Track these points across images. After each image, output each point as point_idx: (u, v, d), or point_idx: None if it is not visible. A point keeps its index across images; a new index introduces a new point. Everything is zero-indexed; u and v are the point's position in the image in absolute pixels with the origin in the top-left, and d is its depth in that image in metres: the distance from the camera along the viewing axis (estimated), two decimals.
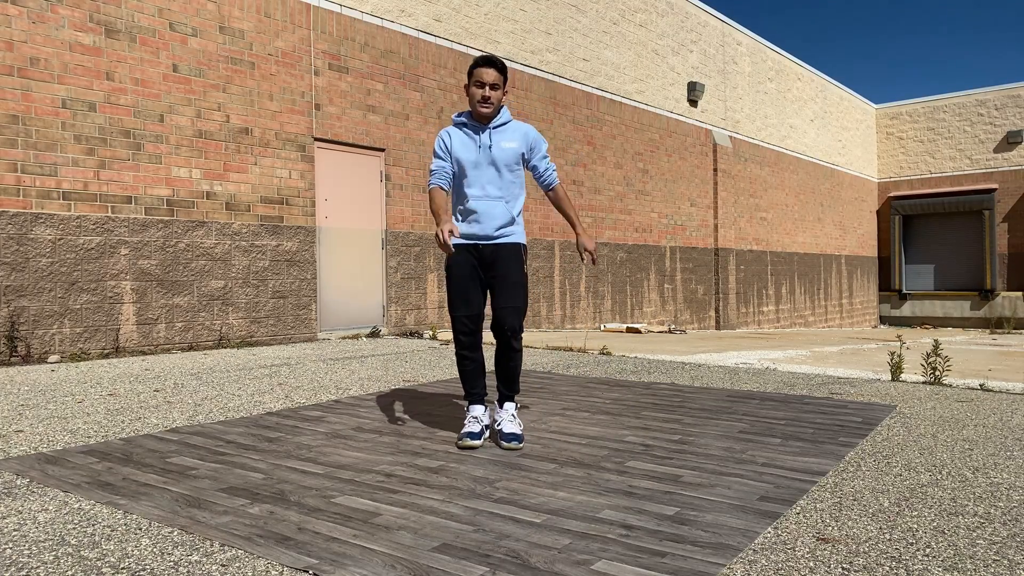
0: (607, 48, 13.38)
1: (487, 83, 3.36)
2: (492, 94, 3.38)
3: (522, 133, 3.49)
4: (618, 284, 13.54)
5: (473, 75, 3.39)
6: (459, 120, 3.50)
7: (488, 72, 3.36)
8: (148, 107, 7.38)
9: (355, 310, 9.29)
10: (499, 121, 3.47)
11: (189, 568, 2.01)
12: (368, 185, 9.44)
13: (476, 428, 3.39)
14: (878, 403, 4.45)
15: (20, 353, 6.51)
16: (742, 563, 2.03)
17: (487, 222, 3.41)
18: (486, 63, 3.37)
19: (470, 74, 3.42)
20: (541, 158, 3.55)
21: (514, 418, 3.44)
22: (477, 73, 3.38)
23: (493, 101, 3.39)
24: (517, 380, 3.51)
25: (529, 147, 3.50)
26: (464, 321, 3.43)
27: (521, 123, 3.54)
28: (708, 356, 7.37)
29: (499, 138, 3.44)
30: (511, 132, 3.48)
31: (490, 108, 3.40)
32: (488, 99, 3.38)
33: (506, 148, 3.43)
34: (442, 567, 2.00)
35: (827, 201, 21.34)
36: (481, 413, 3.46)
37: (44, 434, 3.67)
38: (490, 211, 3.41)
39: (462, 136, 3.46)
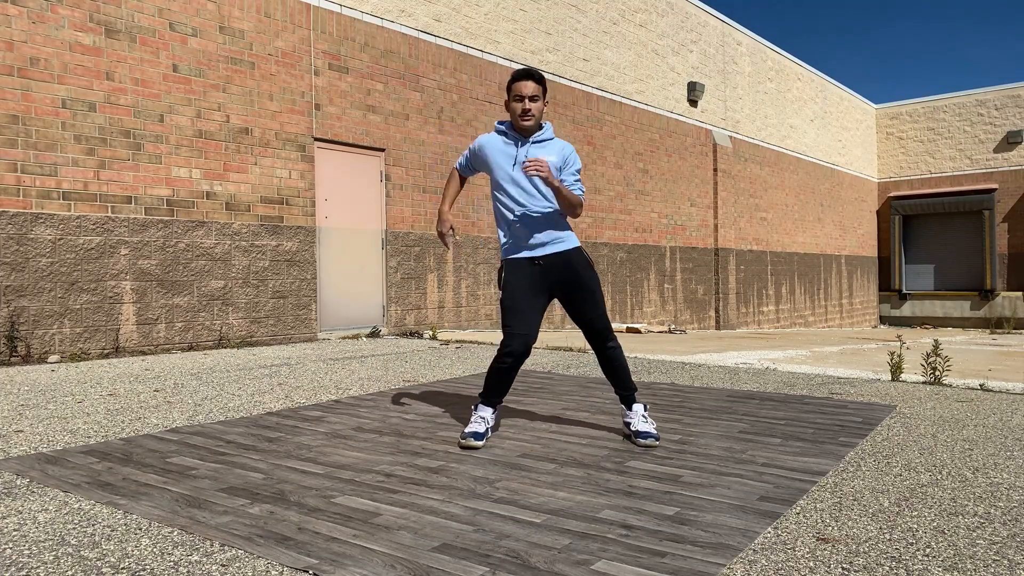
0: (607, 48, 13.38)
1: (526, 96, 3.34)
2: (532, 106, 3.36)
3: (560, 148, 3.48)
4: (618, 284, 13.54)
5: (512, 90, 3.37)
6: (500, 128, 3.49)
7: (527, 84, 3.34)
8: (148, 107, 7.38)
9: (355, 310, 9.29)
10: (541, 136, 3.45)
11: (189, 568, 2.01)
12: (368, 185, 9.44)
13: (481, 428, 3.39)
14: (878, 403, 4.45)
15: (20, 353, 6.52)
16: (742, 563, 2.03)
17: (537, 233, 3.40)
18: (524, 76, 3.36)
19: (509, 89, 3.39)
20: (571, 173, 3.48)
21: (646, 418, 3.45)
22: (516, 87, 3.35)
23: (534, 113, 3.37)
24: (630, 376, 3.53)
25: (564, 159, 3.47)
26: (515, 339, 3.35)
27: (561, 140, 3.53)
28: (708, 356, 7.37)
29: (537, 152, 3.41)
30: (551, 147, 3.46)
31: (531, 120, 3.38)
32: (529, 111, 3.36)
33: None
34: (442, 567, 2.00)
35: (827, 201, 21.35)
36: (489, 415, 3.46)
37: (44, 434, 3.68)
38: (537, 223, 3.40)
39: (500, 146, 3.45)
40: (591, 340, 3.49)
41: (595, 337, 3.47)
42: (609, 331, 3.48)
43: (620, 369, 3.50)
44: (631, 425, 3.45)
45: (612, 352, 3.49)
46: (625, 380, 3.52)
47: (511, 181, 3.41)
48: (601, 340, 3.47)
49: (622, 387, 3.52)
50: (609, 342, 3.48)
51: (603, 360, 3.52)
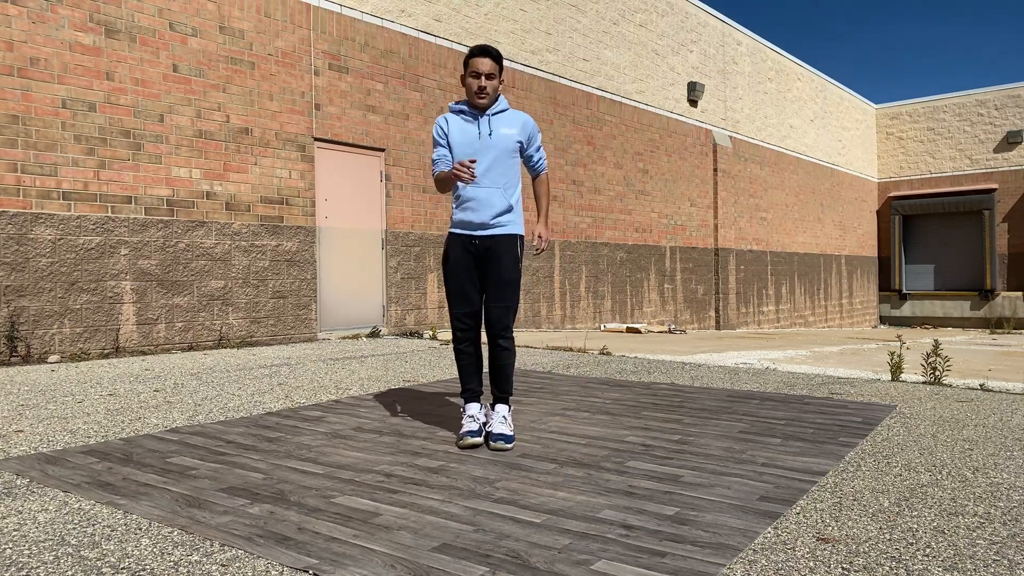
0: (607, 48, 13.38)
1: (483, 73, 3.34)
2: (488, 83, 3.35)
3: (521, 122, 3.47)
4: (618, 284, 13.54)
5: (469, 65, 3.37)
6: (457, 107, 3.46)
7: (483, 61, 3.34)
8: (148, 107, 7.38)
9: (355, 310, 9.29)
10: (497, 108, 3.45)
11: (189, 568, 2.01)
12: (368, 185, 9.44)
13: (475, 426, 3.39)
14: (878, 403, 4.45)
15: (20, 353, 6.52)
16: (742, 563, 2.03)
17: (484, 210, 3.38)
18: (481, 52, 3.34)
19: (466, 64, 3.38)
20: (536, 148, 3.56)
21: (505, 420, 3.41)
22: (473, 63, 3.35)
23: (489, 91, 3.36)
24: (510, 381, 3.50)
25: (528, 137, 3.49)
26: (461, 318, 3.44)
27: (519, 112, 3.53)
28: (708, 356, 7.37)
29: (498, 125, 3.42)
30: (510, 120, 3.46)
31: (486, 98, 3.38)
32: (484, 88, 3.35)
33: (505, 135, 3.41)
34: (442, 567, 2.00)
35: (827, 201, 21.34)
36: (477, 411, 3.46)
37: (44, 434, 3.67)
38: (488, 199, 3.38)
39: (460, 123, 3.43)
40: (487, 331, 3.45)
41: (491, 330, 3.43)
42: (507, 330, 3.43)
43: (503, 368, 3.47)
44: (488, 425, 3.41)
45: (502, 352, 3.45)
46: (504, 383, 3.48)
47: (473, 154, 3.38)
48: (495, 335, 3.43)
49: (500, 388, 3.48)
50: (500, 340, 3.43)
51: (491, 356, 3.48)
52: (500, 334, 3.42)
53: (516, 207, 3.47)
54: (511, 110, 3.51)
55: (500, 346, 3.44)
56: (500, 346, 3.44)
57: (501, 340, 3.44)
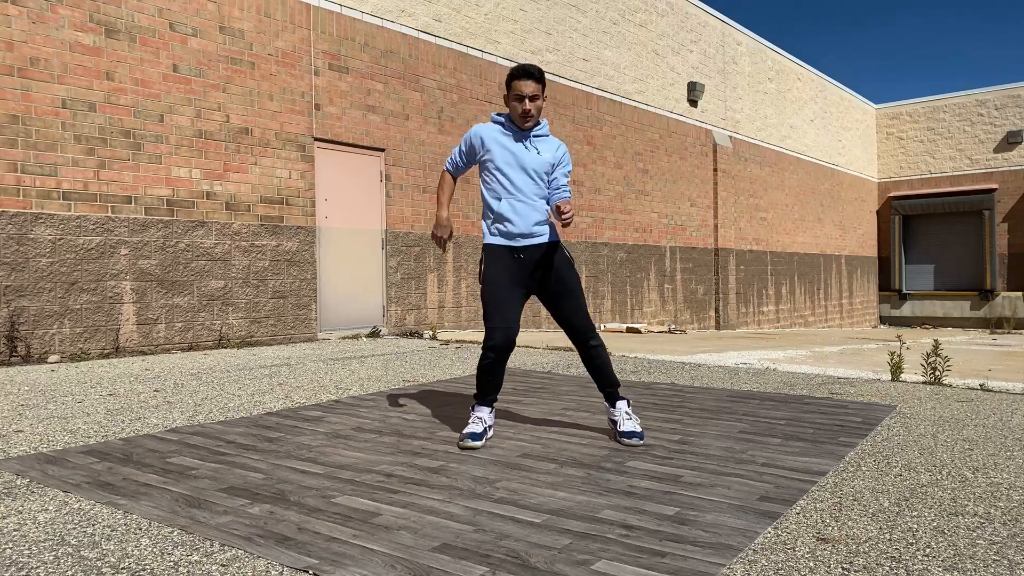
0: (607, 48, 13.38)
1: (527, 95, 3.33)
2: (532, 106, 3.36)
3: (556, 146, 3.52)
4: (618, 284, 13.54)
5: (512, 88, 3.35)
6: (499, 120, 3.47)
7: (527, 84, 3.33)
8: (148, 107, 7.38)
9: (355, 310, 9.29)
10: (540, 131, 3.47)
11: (189, 568, 2.01)
12: (368, 185, 9.44)
13: (479, 428, 3.38)
14: (878, 403, 4.45)
15: (20, 353, 6.52)
16: (742, 563, 2.03)
17: (524, 219, 3.40)
18: (524, 75, 3.33)
19: (508, 86, 3.37)
20: (563, 174, 3.54)
21: (630, 416, 3.44)
22: (516, 86, 3.34)
23: (534, 113, 3.37)
24: (613, 372, 3.52)
25: (558, 160, 3.51)
26: (498, 332, 3.34)
27: (555, 139, 3.57)
28: (708, 356, 7.37)
29: (538, 145, 3.45)
30: (548, 143, 3.49)
31: (531, 121, 3.39)
32: (529, 112, 3.36)
33: (542, 157, 3.44)
34: (442, 567, 2.00)
35: (827, 201, 21.34)
36: (486, 415, 3.46)
37: (44, 434, 3.67)
38: (526, 210, 3.41)
39: (500, 138, 3.44)
40: (573, 339, 3.47)
41: (577, 336, 3.45)
42: (591, 330, 3.46)
43: (603, 367, 3.49)
44: (617, 424, 3.44)
45: (595, 351, 3.47)
46: (608, 377, 3.50)
47: (512, 169, 3.40)
48: (583, 339, 3.45)
49: (606, 384, 3.51)
50: (591, 340, 3.46)
51: (586, 359, 3.50)
52: (589, 337, 3.45)
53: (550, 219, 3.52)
54: (551, 136, 3.54)
55: (592, 347, 3.46)
56: (592, 347, 3.46)
57: (591, 341, 3.46)
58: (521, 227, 3.40)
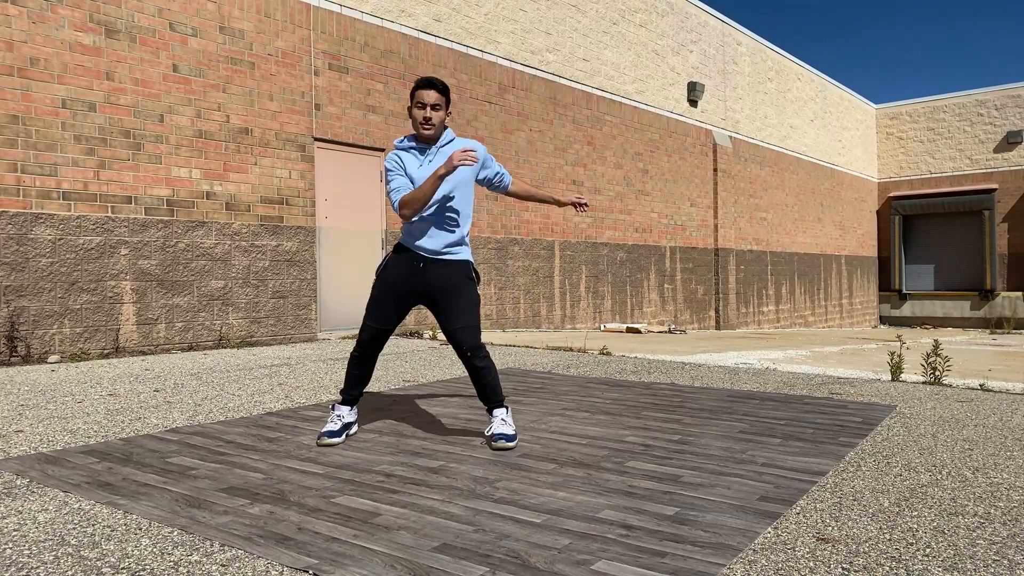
0: (607, 48, 13.38)
1: (428, 104, 3.34)
2: (434, 115, 3.36)
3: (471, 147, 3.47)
4: (618, 284, 13.54)
5: (415, 97, 3.38)
6: (405, 144, 3.45)
7: (428, 93, 3.35)
8: (148, 107, 7.38)
9: (355, 310, 9.29)
10: (444, 140, 3.46)
11: (189, 568, 2.01)
12: (368, 185, 9.44)
13: (336, 426, 3.44)
14: (878, 403, 4.45)
15: (20, 353, 6.52)
16: (742, 563, 2.03)
17: (437, 238, 3.40)
18: (427, 84, 3.36)
19: (412, 95, 3.39)
20: (495, 166, 3.59)
21: (505, 421, 3.40)
22: (418, 95, 3.36)
23: (435, 122, 3.37)
24: (498, 390, 3.45)
25: (482, 162, 3.52)
26: (373, 331, 3.43)
27: (467, 139, 3.55)
28: (708, 356, 7.37)
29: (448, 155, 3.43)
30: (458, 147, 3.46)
31: (432, 129, 3.37)
32: (430, 119, 3.36)
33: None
34: (442, 567, 2.00)
35: (827, 201, 21.34)
36: (346, 412, 3.50)
37: (44, 434, 3.68)
38: (439, 229, 3.40)
39: (411, 159, 3.42)
40: (459, 353, 3.39)
41: (463, 351, 3.36)
42: (478, 348, 3.37)
43: (489, 385, 3.43)
44: (489, 429, 3.41)
45: (481, 371, 3.40)
46: (491, 395, 3.45)
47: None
48: (468, 356, 3.37)
49: (489, 401, 3.45)
50: (476, 359, 3.37)
51: (472, 376, 3.43)
52: (475, 355, 3.37)
53: (466, 240, 3.51)
54: (458, 139, 3.53)
55: (478, 367, 3.38)
56: (478, 367, 3.38)
57: (477, 361, 3.38)
58: (434, 245, 3.40)
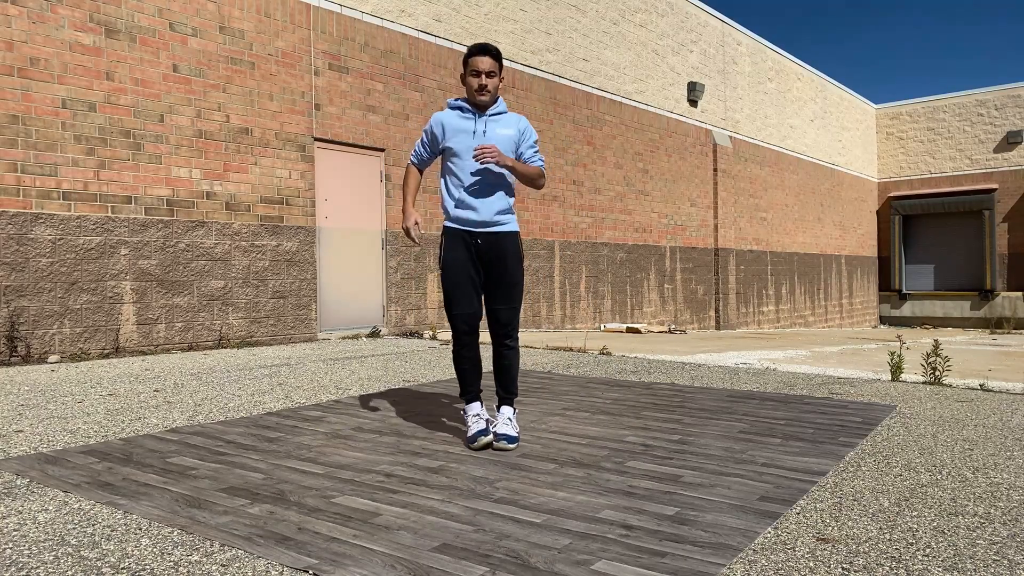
0: (607, 48, 13.38)
1: (483, 71, 3.33)
2: (489, 82, 3.34)
3: (516, 123, 3.48)
4: (618, 284, 13.54)
5: (469, 64, 3.36)
6: (455, 104, 3.45)
7: (483, 60, 3.33)
8: (148, 107, 7.38)
9: (355, 310, 9.29)
10: (496, 110, 3.45)
11: (189, 568, 2.01)
12: (368, 185, 9.44)
13: (483, 425, 3.37)
14: (878, 403, 4.45)
15: (20, 353, 6.51)
16: (742, 563, 2.03)
17: (484, 208, 3.38)
18: (481, 51, 3.34)
19: (465, 63, 3.38)
20: (529, 147, 3.52)
21: (510, 421, 3.41)
22: (472, 62, 3.34)
23: (490, 89, 3.36)
24: (515, 382, 3.49)
25: (521, 134, 3.48)
26: (462, 321, 3.40)
27: (516, 114, 3.53)
28: (708, 356, 7.37)
29: (495, 126, 3.41)
30: (507, 122, 3.46)
31: (487, 96, 3.37)
32: (485, 87, 3.34)
33: (502, 135, 3.40)
34: (442, 567, 2.00)
35: (827, 201, 21.34)
36: (480, 409, 3.46)
37: (44, 434, 3.67)
38: (487, 197, 3.38)
39: (457, 122, 3.41)
40: (492, 331, 3.43)
41: (497, 329, 3.41)
42: (513, 330, 3.42)
43: (511, 370, 3.45)
44: (493, 426, 3.40)
45: (509, 353, 3.43)
46: (509, 384, 3.47)
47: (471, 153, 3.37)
48: (500, 335, 3.41)
49: (505, 389, 3.47)
50: (507, 339, 3.42)
51: (496, 356, 3.46)
52: (508, 335, 3.41)
53: (513, 209, 3.50)
54: (509, 113, 3.51)
55: (507, 346, 3.43)
56: (507, 346, 3.43)
57: (508, 341, 3.42)
58: (482, 215, 3.38)
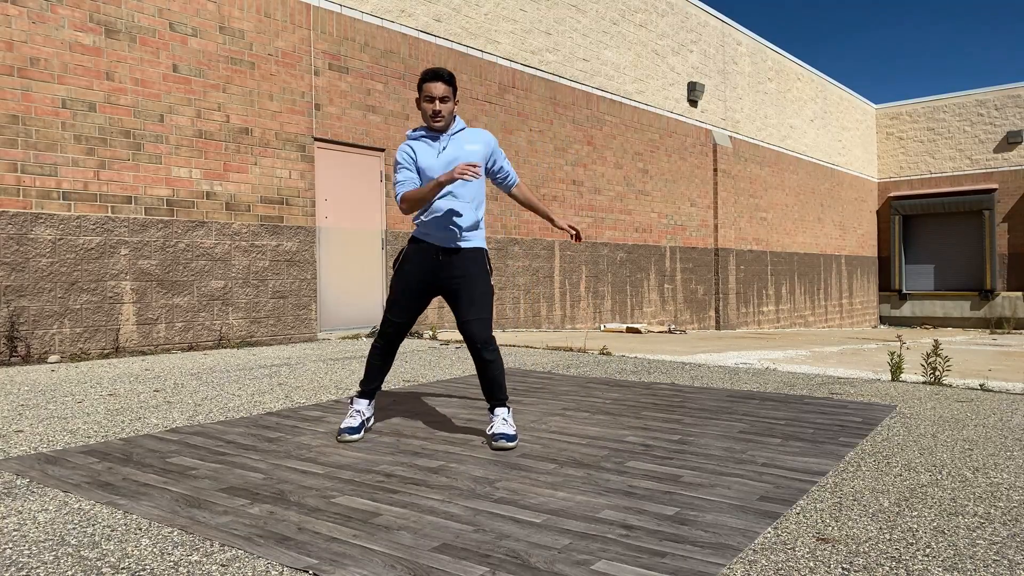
0: (607, 48, 13.38)
1: (436, 96, 3.35)
2: (443, 107, 3.37)
3: (482, 138, 3.50)
4: (618, 284, 13.54)
5: (423, 90, 3.38)
6: (416, 134, 3.48)
7: (436, 86, 3.35)
8: (148, 107, 7.38)
9: (355, 310, 9.29)
10: (455, 128, 3.48)
11: (189, 568, 2.01)
12: (368, 185, 9.44)
13: (356, 422, 3.47)
14: (878, 403, 4.45)
15: (20, 353, 6.51)
16: (742, 563, 2.03)
17: (452, 227, 3.40)
18: (434, 77, 3.35)
19: (420, 88, 3.39)
20: (504, 160, 3.59)
21: (506, 421, 3.42)
22: (426, 88, 3.36)
23: (444, 114, 3.38)
24: (503, 387, 3.47)
25: (489, 148, 3.51)
26: (395, 325, 3.48)
27: (478, 129, 3.55)
28: (708, 356, 7.37)
29: (460, 143, 3.44)
30: (471, 137, 3.48)
31: (442, 122, 3.39)
32: (439, 112, 3.36)
33: (469, 151, 3.43)
34: (442, 567, 2.00)
35: (827, 201, 21.34)
36: (364, 407, 3.54)
37: (44, 434, 3.67)
38: (455, 216, 3.40)
39: (423, 147, 3.44)
40: (468, 344, 3.40)
41: (472, 343, 3.37)
42: (489, 341, 3.38)
43: (495, 379, 3.44)
44: (491, 428, 3.41)
45: (489, 364, 3.41)
46: (497, 391, 3.45)
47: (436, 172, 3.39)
48: (477, 347, 3.38)
49: (494, 396, 3.46)
50: (485, 351, 3.38)
51: (479, 368, 3.44)
52: (485, 346, 3.38)
53: (482, 224, 3.52)
54: (468, 128, 3.54)
55: (486, 359, 3.40)
56: (486, 359, 3.40)
57: (486, 353, 3.39)
58: (450, 233, 3.41)
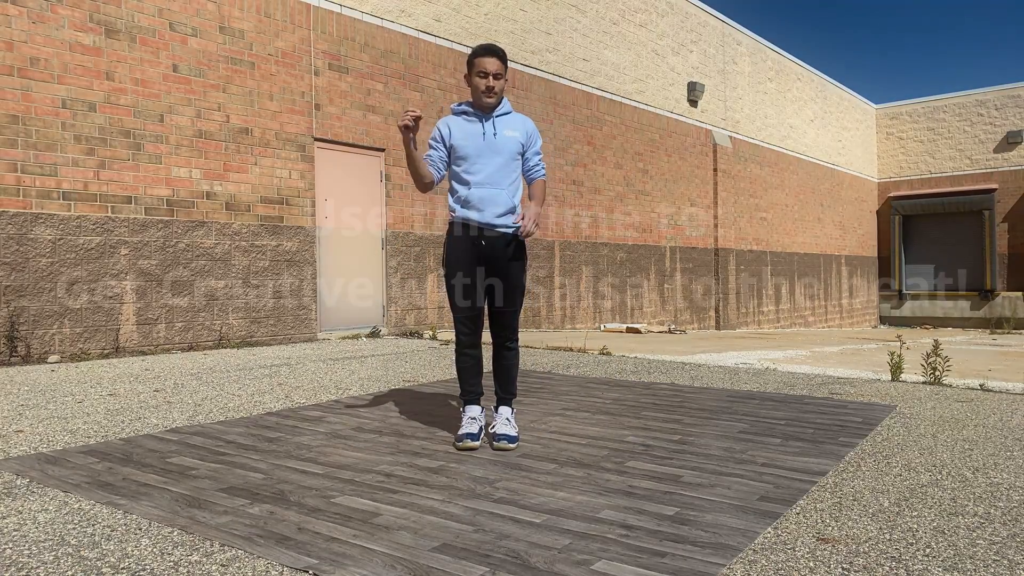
0: (607, 48, 13.38)
1: (491, 72, 3.32)
2: (496, 83, 3.34)
3: (523, 125, 3.48)
4: (618, 284, 13.53)
5: (475, 65, 3.34)
6: (460, 109, 3.45)
7: (491, 61, 3.32)
8: (148, 107, 7.38)
9: (355, 310, 9.29)
10: (501, 111, 3.44)
11: (189, 568, 2.01)
12: (368, 185, 9.44)
13: (474, 428, 3.36)
14: (878, 403, 4.45)
15: (20, 353, 6.51)
16: (742, 563, 2.03)
17: (489, 208, 3.36)
18: (488, 52, 3.33)
19: (471, 64, 3.36)
20: (534, 152, 3.53)
21: (509, 421, 3.42)
22: (480, 63, 3.33)
23: (497, 90, 3.35)
24: (515, 382, 3.49)
25: (527, 137, 3.48)
26: (464, 319, 3.42)
27: (521, 115, 3.53)
28: (708, 356, 7.37)
29: (502, 127, 3.41)
30: (513, 123, 3.45)
31: (494, 98, 3.36)
32: (492, 88, 3.34)
33: (509, 137, 3.40)
34: (442, 567, 2.00)
35: (827, 201, 21.34)
36: (478, 413, 3.45)
37: (44, 434, 3.67)
38: (493, 198, 3.37)
39: (463, 125, 3.41)
40: (492, 331, 3.43)
41: (497, 330, 3.42)
42: (514, 332, 3.44)
43: (511, 371, 3.47)
44: (493, 426, 3.41)
45: (509, 354, 3.45)
46: (508, 384, 3.48)
47: (478, 155, 3.36)
48: (501, 336, 3.42)
49: (504, 389, 3.48)
50: (508, 341, 3.44)
51: (496, 357, 3.47)
52: (509, 337, 3.42)
53: (518, 209, 3.47)
54: (514, 113, 3.51)
55: (507, 348, 3.44)
56: (507, 348, 3.44)
57: (509, 343, 3.44)
58: (487, 216, 3.37)
